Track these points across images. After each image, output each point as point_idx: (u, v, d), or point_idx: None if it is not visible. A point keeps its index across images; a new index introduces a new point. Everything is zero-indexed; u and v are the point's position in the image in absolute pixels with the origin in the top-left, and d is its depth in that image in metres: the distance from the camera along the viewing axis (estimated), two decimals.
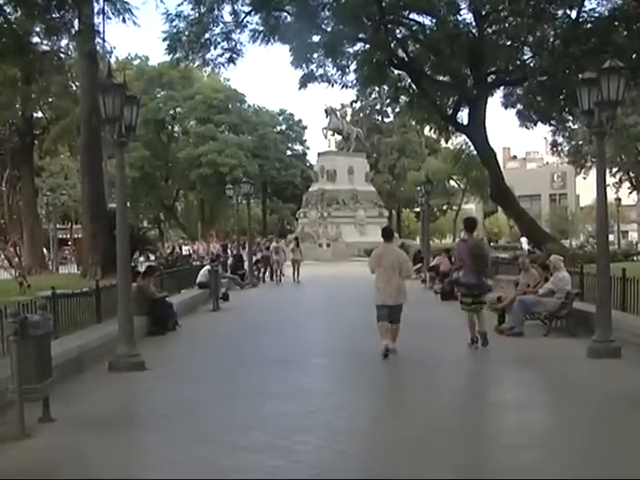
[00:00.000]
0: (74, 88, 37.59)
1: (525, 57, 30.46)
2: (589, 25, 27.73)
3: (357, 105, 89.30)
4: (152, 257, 32.82)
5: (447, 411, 9.05)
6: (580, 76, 12.99)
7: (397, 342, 12.88)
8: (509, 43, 30.14)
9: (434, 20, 30.20)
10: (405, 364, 12.33)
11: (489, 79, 31.96)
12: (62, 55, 29.96)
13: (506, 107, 33.93)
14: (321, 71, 32.18)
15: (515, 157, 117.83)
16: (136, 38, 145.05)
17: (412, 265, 14.84)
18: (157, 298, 16.81)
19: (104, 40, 28.97)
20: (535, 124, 34.16)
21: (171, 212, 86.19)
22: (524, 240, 45.42)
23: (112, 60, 43.14)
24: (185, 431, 8.12)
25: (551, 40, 28.87)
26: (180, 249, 58.74)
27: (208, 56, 30.97)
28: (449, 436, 7.87)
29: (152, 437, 8.03)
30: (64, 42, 27.68)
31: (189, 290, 23.54)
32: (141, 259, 31.68)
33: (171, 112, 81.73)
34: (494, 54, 29.99)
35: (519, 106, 33.60)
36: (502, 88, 33.33)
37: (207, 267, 24.30)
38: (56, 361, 9.21)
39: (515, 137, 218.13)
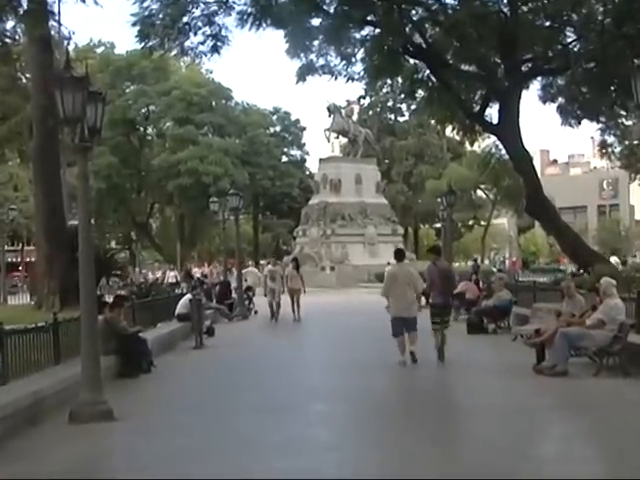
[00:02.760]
0: (24, 81, 37.51)
1: (568, 40, 30.41)
2: None
3: (365, 102, 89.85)
4: (122, 284, 32.74)
5: (476, 469, 8.93)
6: (636, 62, 12.95)
7: (416, 345, 16.64)
8: (548, 24, 30.11)
9: None
10: (426, 410, 12.25)
11: (524, 68, 31.92)
12: (7, 40, 29.87)
13: (544, 101, 33.92)
14: (322, 61, 32.16)
15: (555, 161, 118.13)
16: (99, 21, 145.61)
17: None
18: (128, 334, 16.73)
19: (60, 23, 29.02)
20: (580, 121, 34.09)
21: (144, 230, 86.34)
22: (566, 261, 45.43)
23: (70, 47, 43.21)
24: None
25: (600, 18, 28.78)
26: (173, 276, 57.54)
27: (187, 44, 30.96)
28: None
29: None
30: (10, 24, 27.66)
31: (167, 323, 23.45)
32: (111, 284, 31.61)
33: (143, 110, 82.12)
34: (530, 37, 29.91)
35: (560, 100, 33.58)
36: (540, 79, 33.32)
37: (188, 296, 24.25)
38: (4, 412, 9.12)
39: (556, 138, 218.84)
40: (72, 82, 11.86)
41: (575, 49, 29.61)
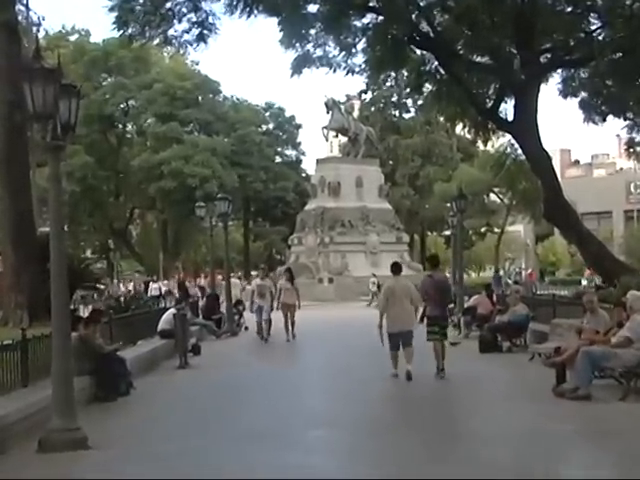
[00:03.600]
0: None
1: (592, 27, 30.41)
2: None
3: (367, 97, 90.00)
4: (98, 298, 32.73)
5: None
6: None
7: (413, 363, 17.74)
8: (570, 9, 30.12)
9: None
10: (433, 437, 12.21)
11: (542, 59, 31.94)
12: None
13: (565, 96, 33.95)
14: (320, 52, 32.18)
15: (577, 162, 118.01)
16: (72, 6, 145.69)
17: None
18: (105, 352, 16.69)
19: (28, 7, 28.94)
20: (605, 118, 34.12)
21: (123, 238, 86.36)
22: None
23: (40, 35, 43.18)
24: None
25: (628, 3, 28.76)
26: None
27: (170, 32, 31.02)
28: None
29: None
30: None
31: (148, 341, 23.43)
32: (85, 296, 31.54)
33: (122, 105, 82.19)
34: (549, 25, 29.93)
35: (583, 94, 33.60)
36: (560, 71, 33.35)
37: (171, 310, 24.20)
38: None
39: (577, 136, 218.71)
40: (42, 74, 11.84)
41: (600, 37, 29.62)
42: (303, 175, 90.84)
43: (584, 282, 62.93)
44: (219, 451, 11.52)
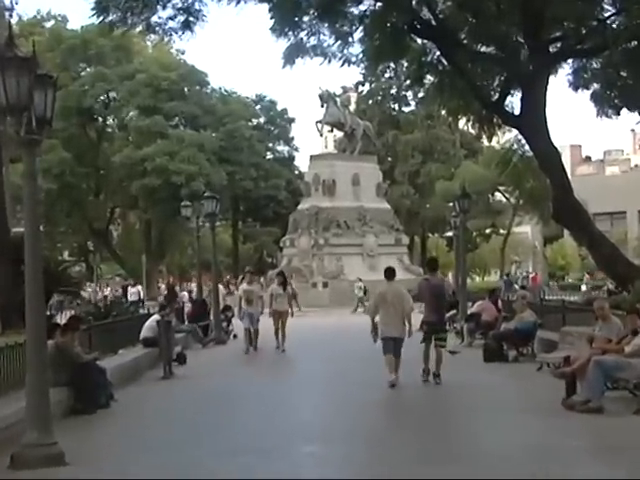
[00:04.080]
0: None
1: (605, 15, 30.39)
2: None
3: (365, 89, 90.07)
4: (76, 303, 32.68)
5: None
6: None
7: (399, 373, 18.65)
8: None
9: None
10: (435, 454, 12.19)
11: (552, 48, 31.92)
12: None
13: (576, 88, 33.91)
14: (314, 41, 32.08)
15: (589, 159, 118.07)
16: None
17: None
18: (83, 362, 16.66)
19: None
20: (618, 111, 34.04)
21: (103, 239, 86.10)
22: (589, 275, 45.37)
23: (13, 21, 43.03)
24: None
25: None
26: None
27: (154, 19, 30.93)
28: None
29: None
30: None
31: (130, 349, 23.46)
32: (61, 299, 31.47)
33: (102, 97, 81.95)
34: (560, 12, 29.86)
35: (595, 86, 33.57)
36: (571, 61, 33.32)
37: (155, 317, 24.18)
38: None
39: (589, 131, 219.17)
40: (16, 63, 11.80)
41: (614, 25, 29.61)
42: (296, 172, 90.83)
43: (583, 287, 63.21)
44: (204, 468, 11.48)
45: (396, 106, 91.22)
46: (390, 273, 19.77)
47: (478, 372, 21.26)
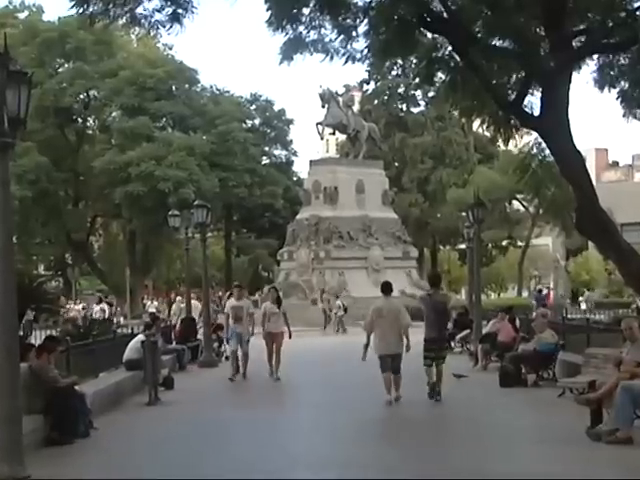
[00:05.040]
0: None
1: (635, 5, 30.41)
2: None
3: (370, 88, 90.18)
4: (53, 322, 32.65)
5: None
6: None
7: (400, 390, 20.13)
8: None
9: None
10: None
11: (576, 43, 31.94)
12: None
13: (602, 87, 33.83)
14: (314, 35, 31.89)
15: (616, 164, 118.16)
16: None
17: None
18: (61, 386, 16.59)
19: None
20: None
21: (83, 252, 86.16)
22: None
23: None
24: None
25: None
26: None
27: (139, 11, 30.86)
28: None
29: None
30: None
31: (112, 373, 23.45)
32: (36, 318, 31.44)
33: (82, 96, 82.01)
34: (584, 2, 29.96)
35: (623, 84, 33.55)
36: (596, 57, 33.32)
37: (140, 337, 24.15)
38: None
39: (616, 133, 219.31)
40: None
41: None
42: (295, 179, 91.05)
43: (583, 306, 63.25)
44: None
45: (404, 106, 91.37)
46: (386, 287, 21.38)
47: (494, 398, 21.26)
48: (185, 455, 15.04)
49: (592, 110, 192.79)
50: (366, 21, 31.85)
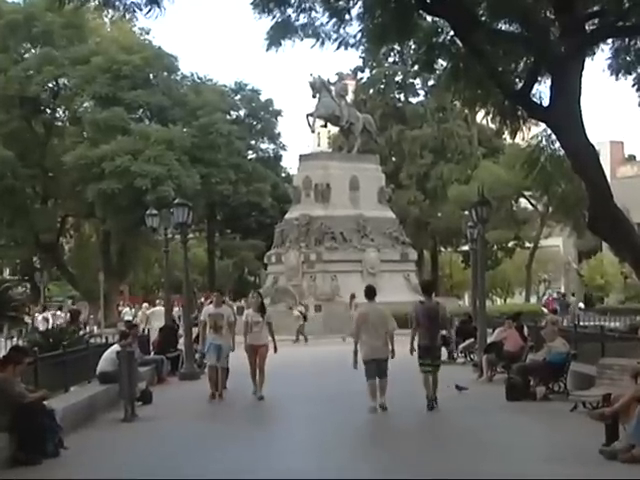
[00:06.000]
0: None
1: None
2: None
3: (364, 76, 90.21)
4: (19, 331, 32.61)
5: None
6: None
7: (385, 396, 21.39)
8: None
9: None
10: None
11: (588, 26, 31.98)
12: None
13: (617, 73, 33.88)
14: (304, 19, 31.99)
15: (632, 158, 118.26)
16: None
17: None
18: (28, 402, 16.57)
19: None
20: None
21: (53, 254, 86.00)
22: None
23: None
24: None
25: None
26: None
27: None
28: None
29: None
30: None
31: (84, 386, 23.47)
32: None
33: (50, 85, 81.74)
34: None
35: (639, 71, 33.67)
36: (611, 41, 33.35)
37: (115, 347, 24.12)
38: None
39: (632, 125, 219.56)
40: None
41: None
42: (283, 175, 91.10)
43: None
44: None
45: (402, 96, 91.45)
46: (371, 292, 22.91)
47: (500, 413, 21.28)
48: (164, 475, 15.01)
49: (607, 100, 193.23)
50: (360, 3, 31.91)
